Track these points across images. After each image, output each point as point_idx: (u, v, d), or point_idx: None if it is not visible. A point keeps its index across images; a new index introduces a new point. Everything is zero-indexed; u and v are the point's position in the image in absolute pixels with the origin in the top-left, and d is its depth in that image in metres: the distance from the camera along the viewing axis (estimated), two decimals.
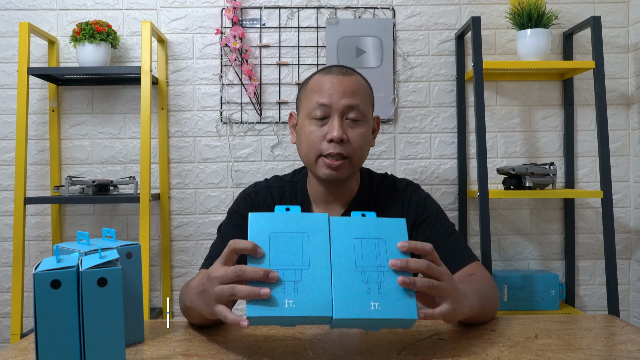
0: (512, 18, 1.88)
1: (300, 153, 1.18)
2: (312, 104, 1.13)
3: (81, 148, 1.98)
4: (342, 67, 1.17)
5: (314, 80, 1.16)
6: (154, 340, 0.93)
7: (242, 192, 1.25)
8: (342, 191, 1.20)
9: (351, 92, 1.12)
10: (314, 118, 1.13)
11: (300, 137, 1.17)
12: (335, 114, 1.11)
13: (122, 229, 1.99)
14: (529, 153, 2.01)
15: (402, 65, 1.99)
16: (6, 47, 1.96)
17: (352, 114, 1.12)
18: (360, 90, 1.14)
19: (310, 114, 1.13)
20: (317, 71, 1.19)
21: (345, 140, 1.11)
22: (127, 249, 0.88)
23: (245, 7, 1.96)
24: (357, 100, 1.12)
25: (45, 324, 0.68)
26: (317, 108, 1.12)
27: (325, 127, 1.12)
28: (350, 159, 1.13)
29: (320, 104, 1.11)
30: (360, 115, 1.13)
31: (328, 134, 1.11)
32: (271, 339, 0.92)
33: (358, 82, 1.15)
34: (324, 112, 1.12)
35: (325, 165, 1.12)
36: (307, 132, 1.14)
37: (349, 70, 1.16)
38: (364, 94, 1.16)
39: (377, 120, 1.24)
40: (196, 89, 1.98)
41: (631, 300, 2.01)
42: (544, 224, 2.01)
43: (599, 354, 0.83)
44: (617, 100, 2.00)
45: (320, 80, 1.14)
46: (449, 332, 0.95)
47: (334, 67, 1.17)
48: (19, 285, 1.70)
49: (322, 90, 1.12)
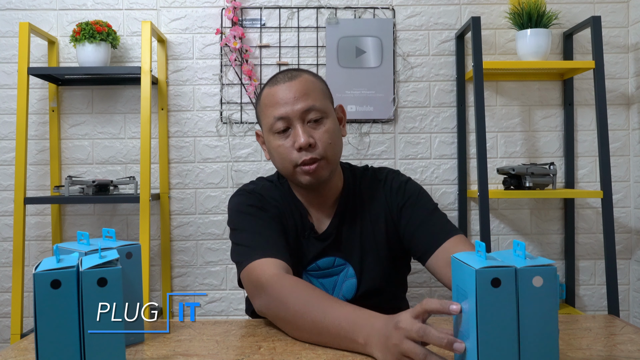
0: (512, 18, 1.88)
1: (277, 167, 1.18)
2: (270, 120, 1.13)
3: (81, 148, 1.98)
4: (287, 72, 1.16)
5: (265, 95, 1.15)
6: (154, 340, 0.93)
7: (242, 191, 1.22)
8: (328, 191, 1.20)
9: (303, 95, 1.11)
10: (277, 132, 1.12)
11: (271, 153, 1.17)
12: (295, 121, 1.11)
13: (122, 229, 1.99)
14: (529, 153, 2.01)
15: (402, 65, 1.99)
16: (6, 47, 1.96)
17: (311, 114, 1.11)
18: (311, 89, 1.13)
19: (272, 129, 1.13)
20: (265, 84, 1.18)
21: (313, 144, 1.10)
22: (127, 249, 0.88)
23: (245, 7, 1.96)
24: (311, 100, 1.11)
25: (45, 324, 0.68)
26: (276, 122, 1.11)
27: (290, 137, 1.12)
28: (325, 159, 1.12)
29: (278, 117, 1.11)
30: (320, 113, 1.12)
31: (295, 143, 1.10)
32: (271, 339, 0.92)
33: (307, 81, 1.14)
34: (285, 123, 1.11)
35: (303, 172, 1.12)
36: (275, 147, 1.14)
37: (294, 74, 1.14)
38: (317, 90, 1.14)
39: (341, 108, 1.23)
40: (196, 89, 1.98)
41: (631, 300, 2.01)
42: (544, 224, 2.01)
43: (599, 354, 0.82)
44: (617, 100, 2.00)
45: (270, 93, 1.14)
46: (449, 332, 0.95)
47: (279, 75, 1.16)
48: (19, 285, 1.70)
49: (275, 102, 1.12)
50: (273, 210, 1.17)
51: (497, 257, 0.71)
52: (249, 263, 1.05)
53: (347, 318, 0.86)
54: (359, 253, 1.19)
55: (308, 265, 1.19)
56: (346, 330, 0.85)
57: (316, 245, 1.19)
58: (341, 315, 0.86)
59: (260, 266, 1.03)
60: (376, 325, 0.82)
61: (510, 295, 0.66)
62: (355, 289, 1.19)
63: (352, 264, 1.19)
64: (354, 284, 1.19)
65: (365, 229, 1.21)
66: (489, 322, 0.65)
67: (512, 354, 0.66)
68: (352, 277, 1.19)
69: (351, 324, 0.85)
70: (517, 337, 0.66)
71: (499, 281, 0.65)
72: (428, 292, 1.99)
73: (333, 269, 1.20)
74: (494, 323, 0.65)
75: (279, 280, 0.98)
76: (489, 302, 0.65)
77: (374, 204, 1.22)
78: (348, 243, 1.20)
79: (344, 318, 0.86)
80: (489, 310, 0.65)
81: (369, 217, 1.21)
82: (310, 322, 0.88)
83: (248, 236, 1.12)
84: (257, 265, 1.03)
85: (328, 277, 1.20)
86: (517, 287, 0.66)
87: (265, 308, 0.99)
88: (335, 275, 1.20)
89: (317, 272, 1.19)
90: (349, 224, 1.21)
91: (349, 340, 0.84)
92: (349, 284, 1.19)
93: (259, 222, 1.14)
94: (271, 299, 0.96)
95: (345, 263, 1.19)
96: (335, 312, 0.87)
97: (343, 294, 1.19)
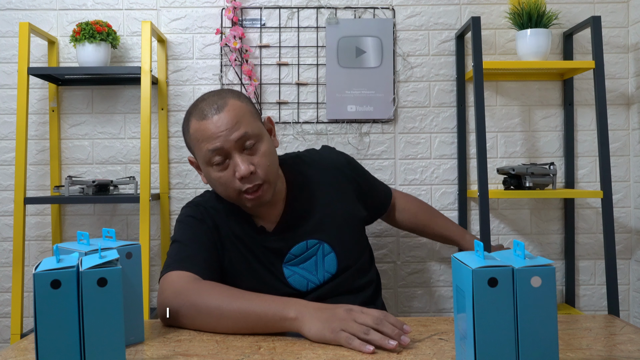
0: (512, 18, 1.88)
1: (220, 194, 1.18)
2: (206, 154, 1.12)
3: (81, 148, 1.98)
4: (211, 102, 1.14)
5: (195, 129, 1.13)
6: (154, 340, 0.93)
7: (189, 203, 1.24)
8: (274, 198, 1.21)
9: (235, 124, 1.10)
10: (215, 164, 1.12)
11: (211, 182, 1.17)
12: (232, 152, 1.11)
13: (122, 229, 1.99)
14: (529, 153, 2.01)
15: (402, 65, 1.99)
16: (6, 47, 1.96)
17: (247, 142, 1.11)
18: (240, 115, 1.12)
19: (209, 162, 1.12)
20: (192, 117, 1.15)
21: (254, 171, 1.11)
22: (127, 249, 0.88)
23: (245, 7, 1.96)
24: (243, 128, 1.11)
25: (45, 324, 0.68)
26: (212, 155, 1.11)
27: (229, 167, 1.12)
28: (267, 182, 1.14)
29: (214, 150, 1.10)
30: (254, 138, 1.12)
31: (236, 173, 1.10)
32: (271, 339, 0.92)
33: (234, 109, 1.12)
34: (222, 156, 1.11)
35: (248, 199, 1.13)
36: (215, 178, 1.14)
37: (220, 103, 1.13)
38: (247, 115, 1.13)
39: (269, 120, 1.24)
40: (196, 89, 1.98)
41: (631, 300, 2.01)
42: (544, 224, 2.01)
43: (599, 354, 0.83)
44: (617, 100, 2.00)
45: (200, 128, 1.12)
46: (449, 332, 0.95)
47: (204, 106, 1.14)
48: (19, 285, 1.70)
49: (208, 137, 1.10)
50: (211, 222, 1.18)
51: (496, 257, 0.71)
52: (166, 273, 1.08)
53: (274, 300, 0.94)
54: (328, 228, 1.23)
55: (283, 257, 1.21)
56: (275, 309, 0.92)
57: (276, 240, 1.21)
58: (268, 299, 0.95)
59: (175, 276, 1.06)
60: (310, 304, 0.93)
61: (507, 295, 0.66)
62: (336, 262, 1.22)
63: (325, 239, 1.22)
64: (333, 257, 1.22)
65: (326, 207, 1.25)
66: (487, 322, 0.65)
67: (510, 355, 0.66)
68: (329, 251, 1.22)
69: (281, 304, 0.93)
70: (516, 337, 0.66)
71: (496, 281, 0.65)
72: (427, 292, 1.99)
73: (309, 251, 1.21)
74: (491, 323, 0.66)
75: (195, 284, 1.03)
76: (486, 301, 0.65)
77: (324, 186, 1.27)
78: (312, 224, 1.23)
79: (272, 300, 0.94)
80: (486, 310, 0.65)
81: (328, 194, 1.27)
82: (235, 309, 0.94)
83: (175, 248, 1.15)
84: (172, 275, 1.06)
85: (307, 260, 1.21)
86: (514, 287, 0.66)
87: (178, 312, 1.00)
88: (313, 256, 1.21)
89: (296, 260, 1.21)
90: (305, 209, 1.24)
91: (278, 318, 0.91)
92: (329, 259, 1.22)
93: (190, 234, 1.17)
94: (187, 301, 0.99)
95: (318, 241, 1.22)
96: (262, 298, 0.95)
97: (326, 269, 1.22)
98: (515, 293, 0.65)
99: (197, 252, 1.13)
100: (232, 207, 1.22)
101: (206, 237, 1.17)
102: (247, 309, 0.94)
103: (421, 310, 2.00)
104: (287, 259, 1.21)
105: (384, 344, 0.84)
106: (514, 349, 0.66)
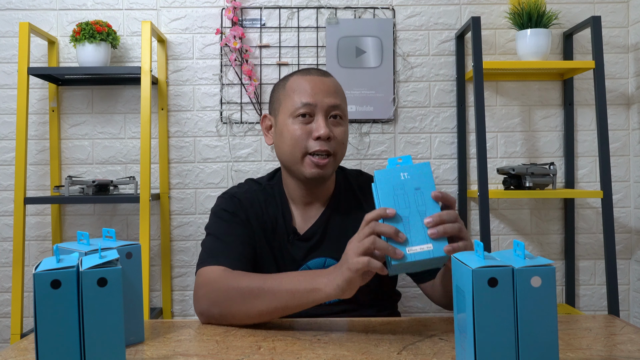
0: (512, 18, 1.88)
1: (283, 152, 1.19)
2: (295, 104, 1.15)
3: (81, 148, 1.98)
4: (319, 69, 1.22)
5: (294, 81, 1.19)
6: (154, 340, 0.93)
7: (225, 194, 1.26)
8: (321, 191, 1.23)
9: (333, 92, 1.17)
10: (298, 116, 1.15)
11: (282, 136, 1.18)
12: (320, 112, 1.15)
13: (122, 229, 1.99)
14: (529, 153, 2.01)
15: (402, 65, 1.99)
16: (6, 47, 1.96)
17: (335, 112, 1.16)
18: (339, 91, 1.19)
19: (294, 112, 1.15)
20: (294, 73, 1.22)
21: (331, 137, 1.14)
22: (127, 249, 0.88)
23: (245, 7, 1.96)
24: (338, 100, 1.17)
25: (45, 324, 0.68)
26: (301, 107, 1.14)
27: (309, 125, 1.15)
28: (334, 156, 1.16)
29: (305, 103, 1.14)
30: (342, 114, 1.18)
31: (315, 132, 1.13)
32: (271, 339, 0.92)
33: (336, 84, 1.20)
34: (309, 111, 1.15)
35: (312, 163, 1.14)
36: (291, 131, 1.15)
37: (326, 72, 1.21)
38: (342, 95, 1.21)
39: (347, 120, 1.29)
40: (196, 89, 1.98)
41: (631, 300, 2.01)
42: (544, 224, 2.01)
43: (599, 354, 0.83)
44: (617, 100, 2.00)
45: (301, 81, 1.17)
46: (449, 332, 0.95)
47: (313, 69, 1.21)
48: (19, 285, 1.70)
49: (305, 90, 1.15)
50: (244, 215, 1.20)
51: (496, 256, 0.71)
52: (201, 268, 1.10)
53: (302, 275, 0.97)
54: None
55: (299, 267, 1.20)
56: (305, 284, 0.94)
57: (301, 247, 1.20)
58: (297, 275, 0.97)
59: (209, 271, 1.08)
60: (327, 269, 0.96)
61: (507, 295, 0.66)
62: None
63: None
64: None
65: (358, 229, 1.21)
66: (486, 322, 0.65)
67: (510, 354, 0.66)
68: None
69: (308, 278, 0.95)
70: (516, 337, 0.66)
71: (496, 281, 0.65)
72: None
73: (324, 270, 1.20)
74: (491, 322, 0.66)
75: (227, 273, 1.05)
76: (486, 301, 0.65)
77: (365, 206, 1.23)
78: (338, 243, 1.19)
79: (300, 276, 0.97)
80: (486, 310, 0.65)
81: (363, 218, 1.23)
82: (267, 290, 0.97)
83: (210, 241, 1.17)
84: (207, 270, 1.09)
85: None
86: (514, 287, 0.66)
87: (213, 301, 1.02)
88: None
89: None
90: (339, 224, 1.22)
91: (309, 292, 0.94)
92: None
93: (225, 227, 1.18)
94: (220, 290, 1.02)
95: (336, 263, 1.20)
96: (290, 276, 0.98)
97: None
98: (515, 293, 0.65)
99: (230, 246, 1.15)
100: (273, 199, 1.23)
101: (240, 229, 1.18)
102: (279, 288, 0.96)
103: (421, 310, 2.00)
104: (301, 269, 1.19)
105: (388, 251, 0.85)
106: (514, 348, 0.66)
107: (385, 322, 1.03)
